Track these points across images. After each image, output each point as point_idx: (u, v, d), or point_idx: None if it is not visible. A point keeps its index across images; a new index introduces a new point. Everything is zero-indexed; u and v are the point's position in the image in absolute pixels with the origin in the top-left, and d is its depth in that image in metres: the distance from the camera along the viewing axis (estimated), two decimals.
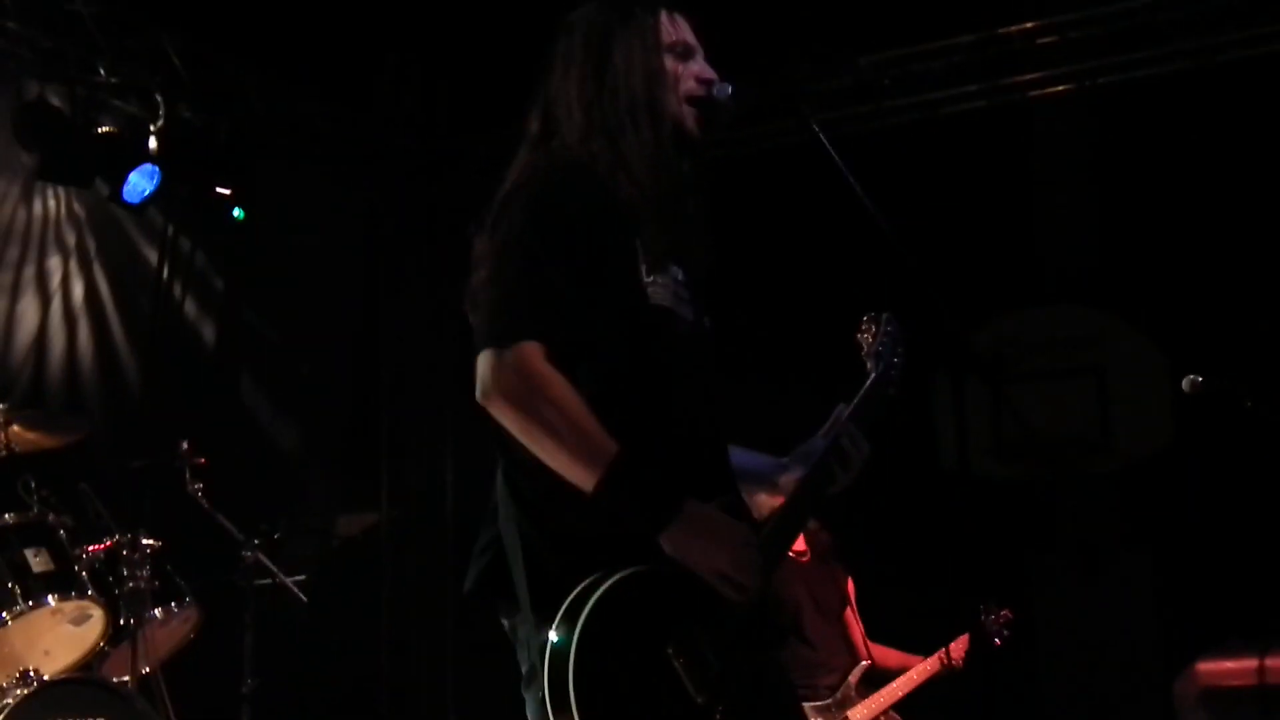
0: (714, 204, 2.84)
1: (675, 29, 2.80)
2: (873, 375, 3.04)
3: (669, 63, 2.77)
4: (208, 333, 8.00)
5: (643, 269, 2.67)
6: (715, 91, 2.78)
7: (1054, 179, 7.63)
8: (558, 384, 2.51)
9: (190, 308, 7.88)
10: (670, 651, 2.43)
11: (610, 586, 2.42)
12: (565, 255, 2.57)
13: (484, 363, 2.53)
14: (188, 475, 5.81)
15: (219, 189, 7.30)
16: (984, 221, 7.43)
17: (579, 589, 2.43)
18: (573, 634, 2.37)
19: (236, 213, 7.38)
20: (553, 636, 2.40)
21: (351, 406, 8.86)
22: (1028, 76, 7.41)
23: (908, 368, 3.09)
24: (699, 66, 2.80)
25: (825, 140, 2.79)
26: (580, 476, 2.49)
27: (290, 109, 7.87)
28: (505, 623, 2.71)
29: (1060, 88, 7.39)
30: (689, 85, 2.77)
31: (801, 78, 7.24)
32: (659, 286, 2.69)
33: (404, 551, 8.65)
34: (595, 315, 2.58)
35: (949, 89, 7.52)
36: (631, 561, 2.47)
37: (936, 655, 5.58)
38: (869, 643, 5.71)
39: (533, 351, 2.51)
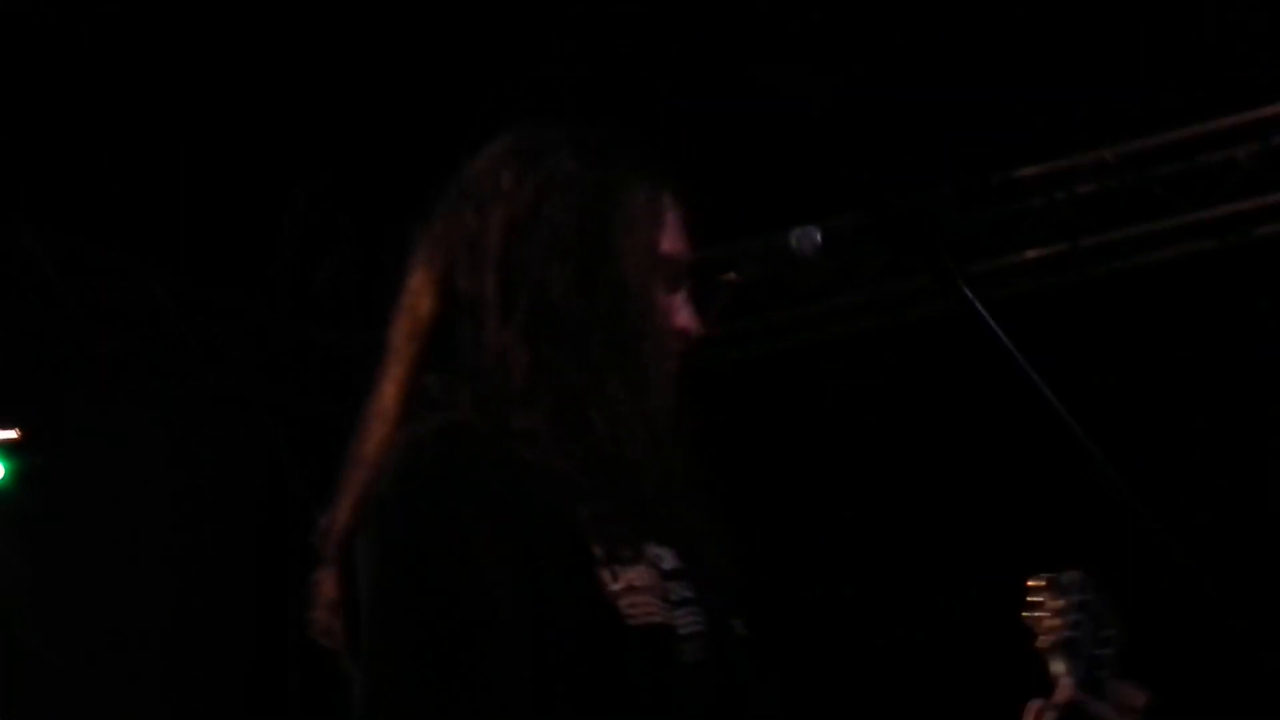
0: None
1: (673, 234, 2.03)
2: (1070, 682, 2.14)
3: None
4: None
5: (604, 574, 1.89)
6: (796, 242, 2.34)
7: None
8: None
9: None
10: None
11: None
12: (514, 625, 1.84)
13: None
14: None
15: None
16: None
17: None
18: None
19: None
20: None
21: None
22: None
23: (1133, 656, 2.20)
24: (686, 309, 2.08)
25: (982, 309, 1.99)
26: None
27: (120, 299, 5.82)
28: None
29: None
30: (680, 324, 2.08)
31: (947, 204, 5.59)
32: (637, 595, 1.88)
33: None
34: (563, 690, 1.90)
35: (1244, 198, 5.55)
36: None
37: None
38: None
39: None
